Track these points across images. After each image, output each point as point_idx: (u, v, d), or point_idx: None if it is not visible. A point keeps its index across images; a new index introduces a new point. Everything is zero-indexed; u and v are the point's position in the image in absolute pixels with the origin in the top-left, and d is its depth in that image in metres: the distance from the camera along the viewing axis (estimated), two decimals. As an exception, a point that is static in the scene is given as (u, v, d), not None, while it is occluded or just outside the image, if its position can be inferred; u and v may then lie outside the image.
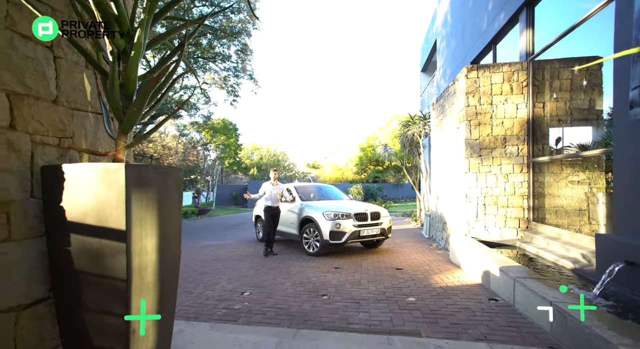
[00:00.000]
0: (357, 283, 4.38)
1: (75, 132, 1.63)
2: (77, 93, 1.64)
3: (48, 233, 1.43)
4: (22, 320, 1.36)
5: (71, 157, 1.61)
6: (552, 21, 5.35)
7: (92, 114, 1.74)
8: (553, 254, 4.43)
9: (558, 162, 5.22)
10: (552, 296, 2.84)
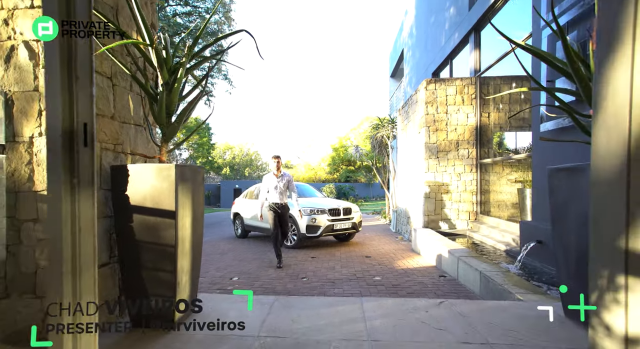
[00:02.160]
0: (331, 268, 5.10)
1: (123, 140, 2.18)
2: (124, 110, 2.19)
3: (115, 214, 1.98)
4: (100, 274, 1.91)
5: (121, 159, 2.16)
6: (494, 45, 6.41)
7: (133, 126, 2.29)
8: (493, 240, 5.43)
9: (499, 164, 6.28)
10: (482, 267, 3.73)
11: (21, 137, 1.87)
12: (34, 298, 1.86)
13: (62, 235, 0.73)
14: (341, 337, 1.93)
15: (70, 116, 0.71)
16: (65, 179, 0.75)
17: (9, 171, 1.86)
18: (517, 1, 5.47)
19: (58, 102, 0.69)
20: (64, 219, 0.75)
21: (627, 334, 0.84)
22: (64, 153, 0.73)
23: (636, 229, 0.82)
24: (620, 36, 0.82)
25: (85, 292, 0.84)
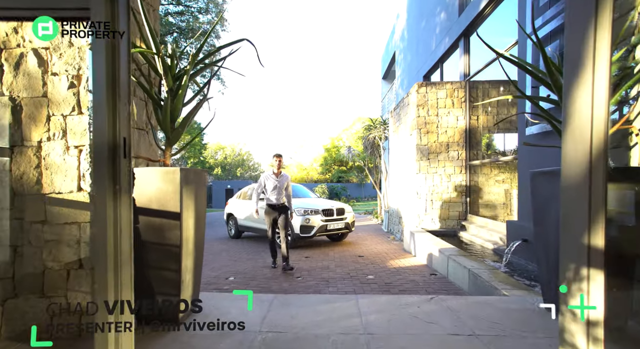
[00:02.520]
0: (325, 268, 5.22)
1: (127, 144, 2.26)
2: (128, 115, 2.27)
3: (121, 216, 2.06)
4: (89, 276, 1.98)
5: (125, 162, 2.24)
6: (483, 50, 6.63)
7: (136, 130, 2.37)
8: (481, 239, 5.63)
9: (488, 165, 6.50)
10: (470, 265, 3.90)
11: (29, 141, 1.93)
12: (42, 298, 1.93)
13: (107, 236, 0.83)
14: (339, 331, 2.05)
15: (113, 132, 0.81)
16: (109, 187, 0.84)
17: (17, 174, 1.93)
18: (505, 9, 5.68)
19: (104, 119, 0.79)
20: (108, 221, 0.85)
21: (589, 318, 0.98)
22: (108, 164, 0.82)
23: (596, 228, 0.96)
24: (583, 63, 0.96)
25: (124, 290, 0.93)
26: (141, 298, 2.08)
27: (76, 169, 1.93)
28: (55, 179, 1.93)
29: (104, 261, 0.85)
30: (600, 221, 0.95)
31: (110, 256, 0.85)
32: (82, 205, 1.92)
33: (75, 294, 1.93)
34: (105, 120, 0.77)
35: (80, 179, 1.93)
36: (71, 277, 1.93)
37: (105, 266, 0.84)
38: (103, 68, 0.76)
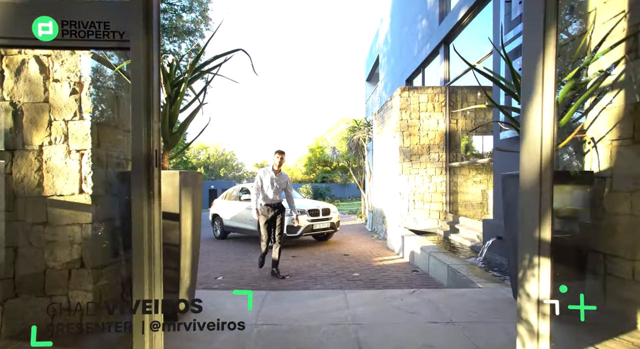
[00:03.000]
0: (312, 266, 5.39)
1: (125, 148, 2.35)
2: (126, 120, 2.36)
3: (122, 217, 2.16)
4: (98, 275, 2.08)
5: (123, 165, 2.33)
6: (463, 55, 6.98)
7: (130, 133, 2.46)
8: (460, 237, 5.95)
9: (466, 167, 6.85)
10: (449, 261, 4.17)
11: (31, 145, 2.00)
12: (43, 297, 2.00)
13: (144, 236, 0.95)
14: (329, 322, 2.23)
15: (147, 145, 0.94)
16: (145, 192, 0.97)
17: (18, 177, 1.99)
18: (481, 19, 6.03)
19: (140, 135, 0.91)
20: (144, 223, 0.97)
21: (539, 298, 1.19)
22: (144, 172, 0.95)
23: (544, 225, 1.17)
24: (534, 88, 1.18)
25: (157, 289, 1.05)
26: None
27: (78, 172, 2.01)
28: (57, 181, 2.01)
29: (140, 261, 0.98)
30: (547, 218, 1.17)
31: (145, 256, 0.98)
32: (84, 207, 2.01)
33: (77, 293, 2.02)
34: (142, 136, 0.90)
35: (82, 181, 2.01)
36: (73, 276, 2.02)
37: (142, 265, 0.97)
38: (141, 92, 0.89)
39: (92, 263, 2.01)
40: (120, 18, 0.90)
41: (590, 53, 2.19)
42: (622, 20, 2.06)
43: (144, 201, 0.94)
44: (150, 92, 0.90)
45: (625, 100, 2.06)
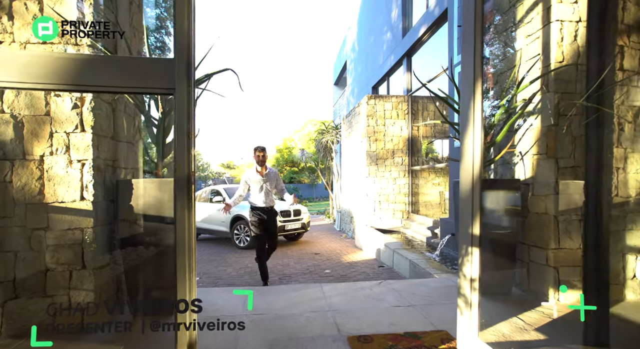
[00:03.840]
0: (286, 265, 5.70)
1: (119, 157, 2.53)
2: (120, 131, 2.55)
3: (120, 221, 2.35)
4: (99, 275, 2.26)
5: (117, 173, 2.51)
6: (423, 68, 7.67)
7: (125, 143, 2.64)
8: (421, 234, 6.58)
9: (426, 170, 7.54)
10: (411, 256, 4.70)
11: (31, 155, 2.14)
12: (45, 297, 2.15)
13: (186, 241, 1.22)
14: (310, 310, 2.58)
15: (188, 165, 1.21)
16: (186, 204, 1.24)
17: (18, 185, 2.13)
18: (439, 37, 6.71)
19: (184, 160, 1.18)
20: (187, 229, 1.24)
21: (471, 277, 1.64)
22: (187, 188, 1.21)
23: (475, 223, 1.62)
24: (468, 118, 1.62)
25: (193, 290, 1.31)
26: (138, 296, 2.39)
27: (79, 180, 2.18)
28: (58, 189, 2.16)
29: (183, 264, 1.24)
30: (477, 218, 1.62)
31: (186, 260, 1.25)
32: (85, 212, 2.18)
33: (77, 293, 2.19)
34: (184, 161, 1.17)
35: (83, 189, 2.19)
36: (74, 277, 2.18)
37: (184, 268, 1.24)
38: (184, 127, 1.16)
39: (93, 264, 2.20)
40: (168, 70, 1.18)
41: (517, 84, 2.75)
42: (538, 61, 2.64)
43: (185, 211, 1.22)
44: (190, 127, 1.19)
45: (541, 123, 2.65)
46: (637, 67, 2.71)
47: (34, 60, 1.14)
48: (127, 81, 1.19)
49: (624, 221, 2.63)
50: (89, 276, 2.19)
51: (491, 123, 2.87)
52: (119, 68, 1.21)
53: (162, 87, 1.17)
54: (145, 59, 1.32)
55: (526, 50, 2.83)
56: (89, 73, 1.15)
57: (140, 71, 1.19)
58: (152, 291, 2.37)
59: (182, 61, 1.17)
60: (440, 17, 6.02)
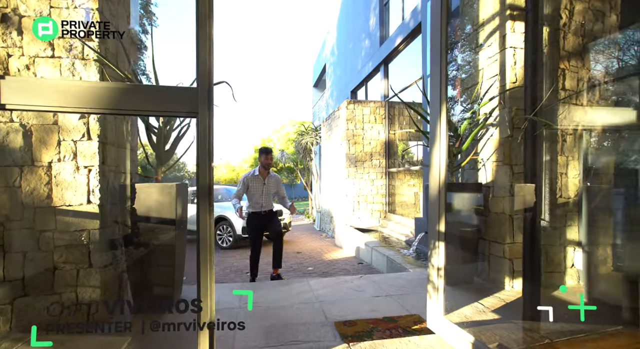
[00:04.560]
0: (269, 264, 5.93)
1: (120, 162, 2.71)
2: (121, 138, 2.72)
3: (123, 223, 2.53)
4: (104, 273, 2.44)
5: (119, 178, 2.69)
6: (400, 76, 8.14)
7: (124, 150, 2.81)
8: (397, 233, 7.03)
9: (402, 172, 8.01)
10: (388, 253, 5.10)
11: (40, 162, 2.29)
12: (53, 294, 2.31)
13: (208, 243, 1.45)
14: (299, 302, 2.87)
15: (209, 176, 1.45)
16: (207, 208, 1.48)
17: (27, 190, 2.27)
18: (414, 47, 7.19)
19: (206, 171, 1.42)
20: (209, 230, 1.48)
21: (438, 266, 2.00)
22: (208, 195, 1.46)
23: (441, 221, 1.98)
24: (435, 136, 1.98)
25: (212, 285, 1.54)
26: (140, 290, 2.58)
27: (86, 185, 2.35)
28: (66, 194, 2.32)
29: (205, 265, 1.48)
30: (443, 217, 1.98)
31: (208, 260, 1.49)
32: (92, 215, 2.36)
33: (84, 289, 2.35)
34: (206, 170, 1.43)
35: (90, 193, 2.36)
36: (81, 275, 2.35)
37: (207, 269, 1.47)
38: (206, 145, 1.42)
39: (99, 262, 2.38)
40: (192, 97, 1.43)
41: (480, 100, 3.18)
42: (496, 80, 3.08)
43: (206, 214, 1.47)
44: (211, 143, 1.44)
45: (499, 134, 3.08)
46: (576, 87, 3.22)
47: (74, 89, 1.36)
48: (157, 106, 1.42)
49: (565, 219, 3.12)
50: (95, 274, 2.37)
51: (458, 133, 3.28)
52: (151, 95, 1.45)
53: (188, 111, 1.42)
54: (174, 88, 1.54)
55: (487, 70, 3.27)
56: (125, 99, 1.38)
57: (169, 98, 1.43)
58: (151, 283, 2.57)
59: (204, 90, 1.42)
60: (415, 29, 6.48)
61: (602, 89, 3.23)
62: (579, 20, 3.23)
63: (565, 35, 3.18)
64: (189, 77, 3.06)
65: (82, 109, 1.34)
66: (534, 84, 2.32)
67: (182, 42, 37.68)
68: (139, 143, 2.89)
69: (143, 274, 2.56)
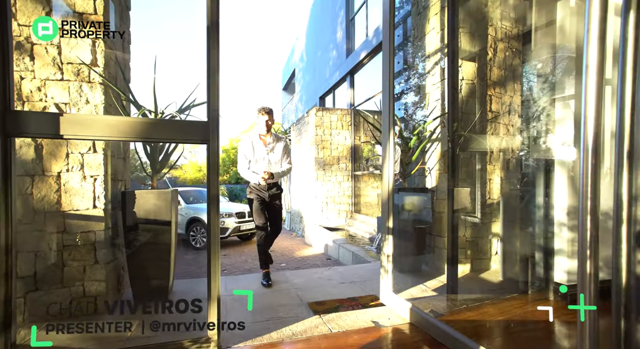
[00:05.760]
0: (244, 261, 6.39)
1: (118, 171, 3.07)
2: (119, 149, 3.09)
3: (124, 225, 2.92)
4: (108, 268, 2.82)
5: (117, 184, 3.05)
6: (365, 86, 8.88)
7: (122, 160, 3.17)
8: (362, 231, 7.74)
9: (367, 175, 8.76)
10: (353, 249, 5.76)
11: (50, 172, 2.63)
12: (62, 288, 2.65)
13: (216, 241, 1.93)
14: (278, 289, 3.40)
15: (217, 188, 1.95)
16: (216, 213, 1.96)
17: (39, 197, 2.60)
18: (378, 61, 7.93)
19: (215, 182, 1.91)
20: (216, 230, 1.95)
21: (388, 254, 2.65)
22: (216, 202, 1.93)
23: (390, 218, 2.62)
24: (385, 153, 2.61)
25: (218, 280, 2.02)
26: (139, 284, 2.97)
27: (92, 192, 2.71)
28: (74, 200, 2.67)
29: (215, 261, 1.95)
30: (391, 215, 2.61)
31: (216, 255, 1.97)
32: (97, 218, 2.72)
33: (91, 283, 2.71)
34: (215, 182, 1.91)
35: (95, 199, 2.72)
36: (87, 271, 2.71)
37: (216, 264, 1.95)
38: (216, 165, 1.90)
39: (104, 259, 2.75)
40: (204, 128, 1.91)
41: (426, 119, 3.90)
42: (438, 103, 3.81)
43: (214, 217, 1.95)
44: (217, 162, 1.94)
45: (441, 148, 3.82)
46: (500, 109, 4.05)
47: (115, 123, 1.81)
48: (178, 135, 1.89)
49: (491, 216, 3.93)
50: (101, 269, 2.74)
51: (409, 147, 3.99)
52: (173, 127, 1.91)
53: (201, 139, 1.91)
54: (190, 121, 2.00)
55: (432, 94, 4.00)
56: (154, 130, 1.84)
57: (187, 129, 1.90)
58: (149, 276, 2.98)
59: (214, 123, 1.92)
60: (377, 46, 7.22)
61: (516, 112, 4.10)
62: (501, 56, 4.06)
63: (491, 68, 4.00)
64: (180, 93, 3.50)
65: (121, 138, 1.78)
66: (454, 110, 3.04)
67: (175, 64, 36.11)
68: (136, 154, 3.26)
69: (142, 268, 2.96)
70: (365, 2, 8.17)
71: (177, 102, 3.28)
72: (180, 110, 3.18)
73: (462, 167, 3.85)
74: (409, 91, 4.54)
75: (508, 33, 4.10)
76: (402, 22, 5.93)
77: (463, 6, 3.82)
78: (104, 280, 2.75)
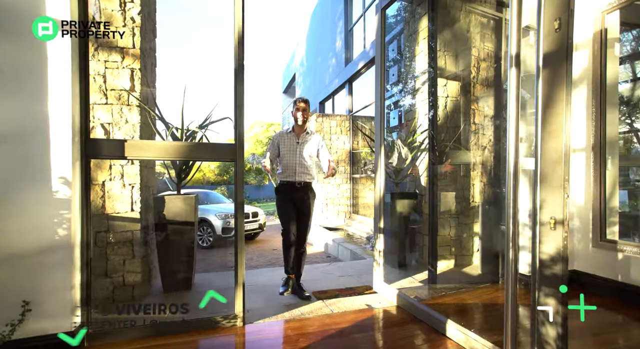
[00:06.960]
0: (250, 259, 6.92)
1: (149, 179, 3.61)
2: (150, 161, 3.62)
3: (156, 225, 3.45)
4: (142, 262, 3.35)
5: (148, 191, 3.58)
6: (363, 93, 9.42)
7: (152, 169, 3.70)
8: (360, 231, 8.28)
9: (364, 178, 9.30)
10: (351, 247, 6.31)
11: (96, 181, 3.16)
12: (106, 278, 3.19)
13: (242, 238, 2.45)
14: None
15: (241, 194, 2.48)
16: (241, 215, 2.49)
17: (87, 202, 3.13)
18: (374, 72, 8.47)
19: (241, 190, 2.44)
20: (241, 228, 2.48)
21: (379, 249, 3.17)
22: (241, 207, 2.47)
23: (381, 219, 3.15)
24: (377, 164, 3.14)
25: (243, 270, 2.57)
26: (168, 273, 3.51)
27: (130, 198, 3.25)
28: (116, 204, 3.21)
29: (241, 253, 2.49)
30: (382, 216, 3.15)
31: (241, 249, 2.50)
32: (134, 220, 3.26)
33: (129, 274, 3.25)
34: (240, 190, 2.44)
35: (133, 204, 3.26)
36: (126, 264, 3.24)
37: (241, 255, 2.48)
38: (241, 175, 2.43)
39: (140, 254, 3.29)
40: (232, 149, 2.44)
41: (416, 131, 4.45)
42: (426, 117, 4.36)
43: (241, 219, 2.48)
44: (242, 176, 2.47)
45: (428, 158, 4.37)
46: (483, 121, 4.60)
47: (164, 146, 2.34)
48: (212, 155, 2.43)
49: (473, 217, 4.48)
50: (137, 262, 3.27)
51: (399, 156, 4.53)
52: (209, 149, 2.45)
53: (230, 158, 2.45)
54: (221, 144, 2.52)
55: (420, 108, 4.55)
56: (194, 151, 2.37)
57: (219, 150, 2.44)
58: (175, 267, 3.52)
59: (240, 146, 2.46)
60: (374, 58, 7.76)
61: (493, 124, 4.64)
62: (483, 74, 4.61)
63: (475, 84, 4.55)
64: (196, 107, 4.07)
65: (170, 158, 2.32)
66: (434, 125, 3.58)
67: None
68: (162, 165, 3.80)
69: (170, 262, 3.49)
70: (363, 14, 8.70)
71: (197, 120, 3.82)
72: (201, 126, 3.72)
73: (448, 175, 4.40)
74: (403, 102, 5.08)
75: (490, 53, 4.66)
76: (397, 37, 6.46)
77: (446, 32, 4.38)
78: (140, 272, 3.29)
